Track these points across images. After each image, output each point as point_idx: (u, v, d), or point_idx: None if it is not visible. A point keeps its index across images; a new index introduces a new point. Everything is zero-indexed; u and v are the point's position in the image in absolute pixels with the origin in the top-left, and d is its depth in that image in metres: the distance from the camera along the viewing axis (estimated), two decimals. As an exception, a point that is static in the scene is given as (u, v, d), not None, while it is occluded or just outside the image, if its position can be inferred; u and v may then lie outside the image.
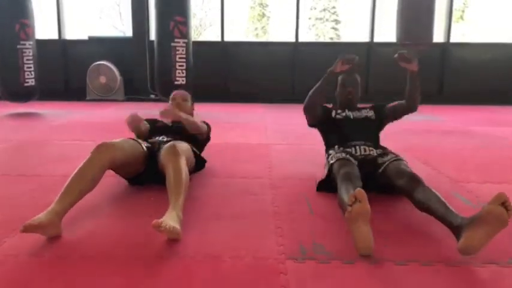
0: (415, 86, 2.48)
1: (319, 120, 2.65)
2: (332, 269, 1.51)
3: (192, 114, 2.76)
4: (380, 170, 2.20)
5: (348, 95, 2.64)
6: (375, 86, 7.08)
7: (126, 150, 2.17)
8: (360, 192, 1.63)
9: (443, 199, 1.77)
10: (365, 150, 2.34)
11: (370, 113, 2.64)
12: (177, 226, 1.66)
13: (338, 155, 2.29)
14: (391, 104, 2.64)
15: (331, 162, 2.27)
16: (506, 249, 1.67)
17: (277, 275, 1.46)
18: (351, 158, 2.25)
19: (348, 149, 2.36)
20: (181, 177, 1.94)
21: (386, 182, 2.15)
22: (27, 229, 1.59)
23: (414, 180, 1.94)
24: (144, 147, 2.34)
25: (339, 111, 2.64)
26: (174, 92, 2.82)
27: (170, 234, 1.63)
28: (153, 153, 2.34)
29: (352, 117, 2.60)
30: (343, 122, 2.57)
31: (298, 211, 2.07)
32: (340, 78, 2.68)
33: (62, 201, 1.78)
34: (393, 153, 2.30)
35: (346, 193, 1.86)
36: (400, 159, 2.21)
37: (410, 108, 2.56)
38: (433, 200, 1.78)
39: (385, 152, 2.34)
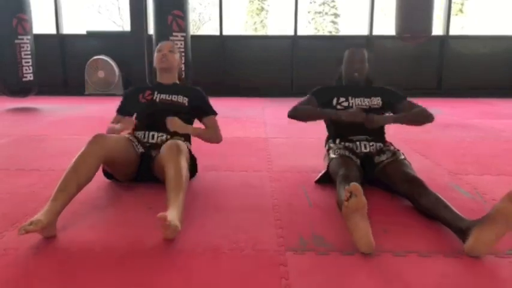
0: (408, 123, 2.27)
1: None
2: (332, 261, 1.52)
3: (180, 68, 2.61)
4: (377, 169, 2.17)
5: (355, 72, 2.43)
6: (374, 79, 7.06)
7: (121, 146, 2.12)
8: (355, 186, 1.60)
9: (448, 203, 1.73)
10: (365, 147, 2.28)
11: (377, 101, 2.41)
12: (179, 226, 1.62)
13: (339, 151, 2.23)
14: (409, 107, 2.35)
15: (332, 157, 2.23)
16: (504, 240, 1.66)
17: (277, 266, 1.47)
18: (352, 156, 2.20)
19: (349, 144, 2.30)
20: (182, 176, 1.87)
21: (386, 183, 2.13)
22: (26, 231, 1.52)
23: (417, 185, 1.89)
24: (139, 152, 2.25)
25: (342, 99, 2.40)
26: (160, 44, 2.55)
27: (171, 232, 1.59)
28: (146, 157, 2.26)
29: (354, 107, 2.36)
30: None
31: (297, 203, 2.08)
32: (346, 53, 2.47)
33: (58, 199, 1.72)
34: (392, 149, 2.24)
35: (343, 192, 1.80)
36: (399, 158, 2.15)
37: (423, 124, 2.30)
38: (438, 206, 1.74)
39: (383, 148, 2.27)
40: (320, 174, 2.36)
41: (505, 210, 1.45)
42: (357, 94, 2.42)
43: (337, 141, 2.35)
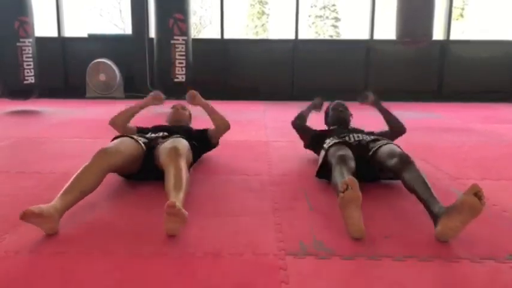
0: (387, 116, 2.73)
1: (312, 142, 2.83)
2: (332, 265, 1.52)
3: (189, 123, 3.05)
4: (371, 153, 2.29)
5: (340, 114, 2.89)
6: (375, 84, 7.07)
7: (125, 153, 2.16)
8: (351, 180, 1.76)
9: (429, 184, 1.85)
10: (358, 137, 2.48)
11: (369, 135, 2.62)
12: (186, 214, 1.68)
13: (334, 141, 2.41)
14: (378, 132, 2.76)
15: (327, 147, 2.37)
16: (505, 245, 1.67)
17: (277, 270, 1.47)
18: (346, 144, 2.38)
19: (343, 137, 2.51)
20: (182, 177, 1.92)
21: (378, 165, 2.23)
22: (27, 215, 1.60)
23: (405, 160, 2.03)
24: (142, 144, 2.31)
25: (331, 141, 2.47)
26: (174, 103, 3.07)
27: (180, 220, 1.65)
28: (150, 149, 2.33)
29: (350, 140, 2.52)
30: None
31: (297, 207, 2.08)
32: (329, 106, 3.01)
33: (63, 199, 1.78)
34: (386, 139, 2.40)
35: (339, 176, 1.96)
36: (391, 143, 2.29)
37: (396, 134, 2.76)
38: (419, 183, 1.87)
39: (377, 138, 2.44)
40: (318, 166, 2.42)
41: (469, 202, 1.60)
42: (351, 132, 2.66)
43: (331, 138, 2.53)
